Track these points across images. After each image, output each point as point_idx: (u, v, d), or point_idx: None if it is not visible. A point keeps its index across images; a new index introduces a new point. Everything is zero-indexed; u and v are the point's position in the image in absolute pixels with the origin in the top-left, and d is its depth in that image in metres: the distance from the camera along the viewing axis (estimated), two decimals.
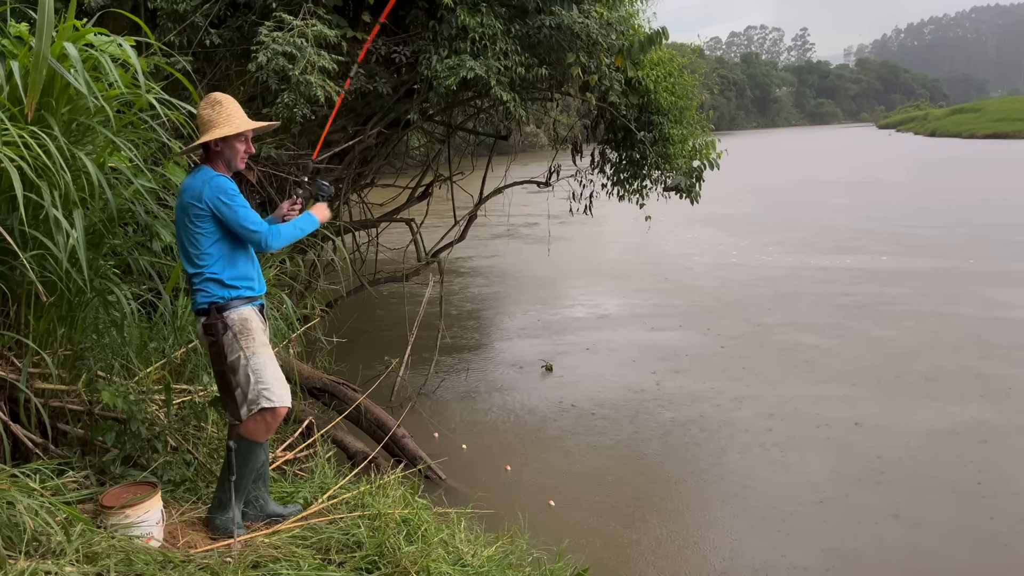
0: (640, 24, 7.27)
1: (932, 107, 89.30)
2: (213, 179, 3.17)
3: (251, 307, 3.26)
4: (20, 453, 3.27)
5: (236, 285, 3.23)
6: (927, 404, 6.95)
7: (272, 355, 3.28)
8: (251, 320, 3.23)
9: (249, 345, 3.18)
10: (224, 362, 3.20)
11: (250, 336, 3.19)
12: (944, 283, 11.59)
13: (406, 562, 3.03)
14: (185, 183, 3.25)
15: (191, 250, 3.20)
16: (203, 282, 3.20)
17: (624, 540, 4.79)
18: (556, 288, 12.41)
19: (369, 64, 6.39)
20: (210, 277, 3.19)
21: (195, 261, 3.20)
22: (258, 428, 3.21)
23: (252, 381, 3.16)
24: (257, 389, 3.17)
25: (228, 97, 3.31)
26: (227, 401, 3.28)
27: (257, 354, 3.19)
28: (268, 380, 3.18)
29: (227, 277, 3.21)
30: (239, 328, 3.19)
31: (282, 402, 3.21)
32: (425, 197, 9.68)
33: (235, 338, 3.18)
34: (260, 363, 3.19)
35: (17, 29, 3.50)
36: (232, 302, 3.20)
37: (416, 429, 6.08)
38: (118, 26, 4.67)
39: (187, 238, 3.20)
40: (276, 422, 3.25)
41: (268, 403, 3.17)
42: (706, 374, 7.90)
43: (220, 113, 3.22)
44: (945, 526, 4.92)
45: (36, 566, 2.50)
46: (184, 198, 3.18)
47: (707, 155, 7.71)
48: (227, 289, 3.20)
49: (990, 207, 19.59)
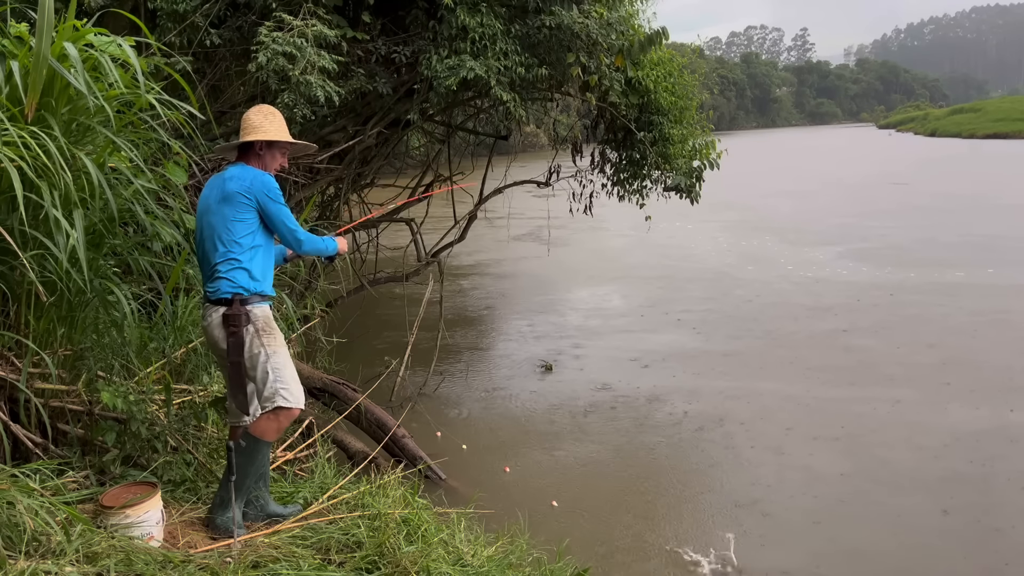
0: (640, 24, 7.27)
1: (932, 107, 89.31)
2: (262, 175, 3.32)
3: (268, 305, 3.31)
4: (20, 453, 3.26)
5: (261, 280, 3.27)
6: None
7: (289, 355, 3.31)
8: (272, 319, 3.28)
9: (271, 343, 3.22)
10: (241, 354, 3.20)
11: (272, 334, 3.24)
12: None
13: (406, 562, 3.03)
14: (231, 172, 3.33)
15: (225, 236, 3.23)
16: (232, 270, 3.21)
17: (625, 540, 4.79)
18: (556, 288, 12.41)
19: (369, 64, 6.39)
20: (240, 266, 3.22)
21: (228, 247, 3.22)
22: (269, 427, 3.22)
23: (271, 379, 3.19)
24: (275, 387, 3.19)
25: (278, 112, 3.51)
26: (236, 395, 3.29)
27: (278, 353, 3.23)
28: (287, 379, 3.21)
29: (255, 270, 3.25)
30: (262, 324, 3.22)
31: (297, 403, 3.24)
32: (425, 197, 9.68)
33: (257, 334, 3.20)
34: (280, 362, 3.22)
35: (17, 29, 3.50)
36: (254, 297, 3.23)
37: (416, 429, 6.09)
38: (118, 26, 4.66)
39: (222, 225, 3.24)
40: (288, 422, 3.28)
41: (284, 402, 3.19)
42: (708, 374, 7.89)
43: (273, 123, 3.42)
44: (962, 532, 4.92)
45: (36, 566, 2.49)
46: (230, 186, 3.25)
47: (707, 155, 7.71)
48: (254, 282, 3.24)
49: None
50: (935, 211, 19.17)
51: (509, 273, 13.68)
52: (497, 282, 13.06)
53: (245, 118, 3.44)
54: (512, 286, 12.81)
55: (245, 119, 3.43)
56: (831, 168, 33.56)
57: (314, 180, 7.47)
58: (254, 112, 3.45)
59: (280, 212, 3.31)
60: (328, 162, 7.08)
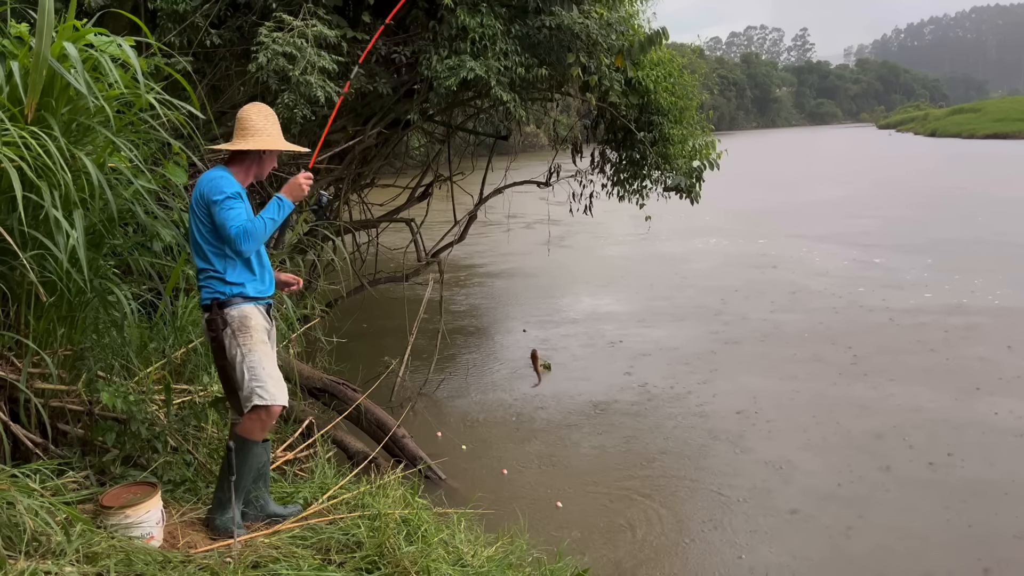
0: (640, 24, 7.28)
1: (932, 107, 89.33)
2: (215, 179, 3.21)
3: (254, 305, 3.27)
4: (20, 453, 3.26)
5: (238, 283, 3.24)
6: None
7: (269, 353, 3.28)
8: (251, 318, 3.23)
9: (246, 342, 3.20)
10: (224, 357, 3.23)
11: (247, 333, 3.21)
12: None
13: (406, 562, 3.03)
14: (201, 179, 3.29)
15: (196, 245, 3.25)
16: (207, 279, 3.24)
17: (625, 540, 4.78)
18: (557, 288, 12.41)
19: (369, 64, 6.39)
20: (213, 274, 3.23)
21: (201, 256, 3.25)
22: (253, 426, 3.22)
23: (247, 378, 3.18)
24: (251, 386, 3.18)
25: (274, 113, 3.43)
26: (231, 397, 3.32)
27: (253, 351, 3.20)
28: (263, 377, 3.19)
29: (229, 275, 3.23)
30: (237, 325, 3.20)
31: (275, 400, 3.20)
32: (425, 197, 9.69)
33: (233, 335, 3.20)
34: (255, 360, 3.19)
35: (17, 29, 3.50)
36: (233, 299, 3.22)
37: (416, 429, 6.09)
38: (118, 26, 4.67)
39: (196, 233, 3.25)
40: (270, 420, 3.25)
41: (260, 400, 3.18)
42: (712, 375, 7.89)
43: (274, 127, 3.37)
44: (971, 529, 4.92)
45: (36, 566, 2.49)
46: (194, 195, 3.25)
47: (707, 155, 7.72)
48: (228, 286, 3.22)
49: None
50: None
51: (509, 273, 13.68)
52: (497, 282, 13.06)
53: (245, 118, 3.32)
54: (512, 286, 12.81)
55: (246, 119, 3.31)
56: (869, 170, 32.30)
57: (314, 180, 7.47)
58: (253, 111, 3.33)
59: (222, 215, 3.12)
60: (328, 162, 7.09)
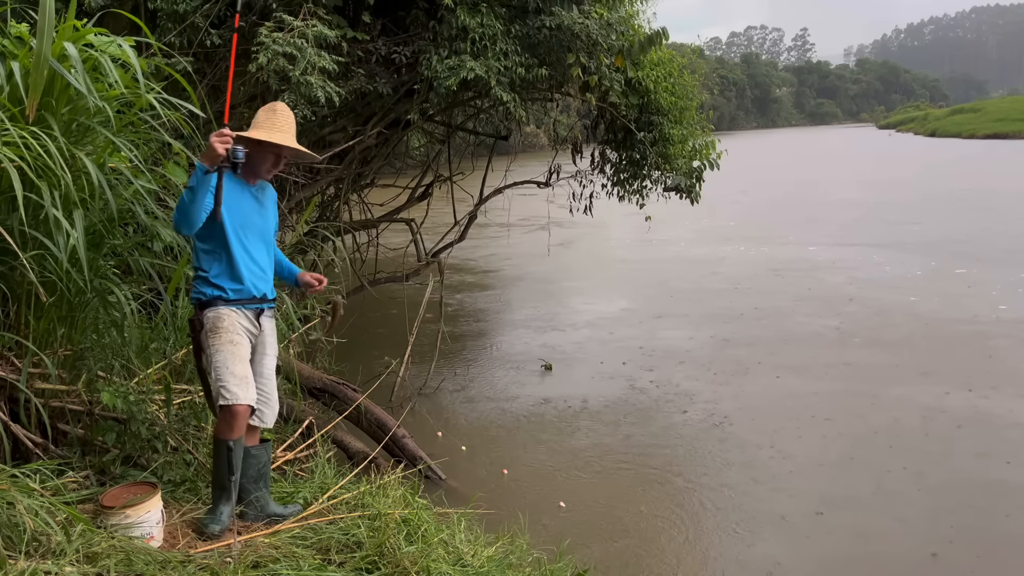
0: (640, 24, 7.29)
1: (932, 107, 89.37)
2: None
3: (232, 308, 3.24)
4: (20, 453, 3.27)
5: (219, 285, 3.24)
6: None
7: (238, 354, 3.22)
8: (223, 319, 3.21)
9: (214, 342, 3.19)
10: (200, 359, 3.26)
11: (217, 333, 3.20)
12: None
13: (406, 562, 3.03)
14: None
15: (195, 243, 3.29)
16: (196, 279, 3.28)
17: (625, 540, 4.78)
18: (557, 287, 12.41)
19: (369, 64, 6.40)
20: (200, 274, 3.26)
21: (195, 256, 3.29)
22: (220, 426, 3.20)
23: (213, 378, 3.18)
24: (216, 386, 3.17)
25: (288, 112, 3.42)
26: (208, 399, 3.33)
27: (220, 351, 3.18)
28: (225, 377, 3.15)
29: (211, 275, 3.24)
30: (210, 326, 3.21)
31: (236, 400, 3.14)
32: (425, 197, 9.70)
33: (206, 335, 3.21)
34: (220, 360, 3.17)
35: (17, 29, 3.51)
36: (215, 301, 3.22)
37: (416, 429, 6.08)
38: (118, 26, 4.67)
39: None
40: (235, 420, 3.18)
41: (223, 400, 3.15)
42: (714, 375, 7.89)
43: (269, 119, 3.35)
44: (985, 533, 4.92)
45: (36, 566, 2.50)
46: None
47: (707, 155, 7.72)
48: (210, 287, 3.23)
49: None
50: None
51: (509, 273, 13.68)
52: (497, 282, 13.05)
53: (278, 113, 3.37)
54: (512, 286, 12.80)
55: (278, 115, 3.37)
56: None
57: (314, 180, 7.49)
58: (264, 108, 3.40)
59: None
60: (328, 162, 7.09)
